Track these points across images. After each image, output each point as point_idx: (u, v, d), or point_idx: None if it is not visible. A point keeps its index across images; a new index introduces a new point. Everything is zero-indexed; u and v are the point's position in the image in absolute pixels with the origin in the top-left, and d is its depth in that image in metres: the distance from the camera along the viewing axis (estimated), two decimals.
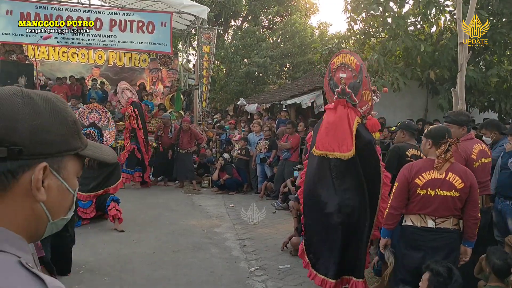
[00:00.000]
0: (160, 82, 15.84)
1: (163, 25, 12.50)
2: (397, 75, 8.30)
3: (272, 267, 4.88)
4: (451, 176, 3.08)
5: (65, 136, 0.80)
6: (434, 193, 3.08)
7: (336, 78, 4.02)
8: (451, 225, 3.12)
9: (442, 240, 3.11)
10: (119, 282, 4.32)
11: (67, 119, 0.81)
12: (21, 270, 0.69)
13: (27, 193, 0.75)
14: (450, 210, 3.09)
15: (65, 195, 0.82)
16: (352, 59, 3.93)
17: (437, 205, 3.08)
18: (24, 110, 0.75)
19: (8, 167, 0.73)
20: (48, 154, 0.77)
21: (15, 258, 0.70)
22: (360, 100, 3.84)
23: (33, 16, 11.70)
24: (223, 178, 9.37)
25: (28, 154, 0.74)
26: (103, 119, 7.02)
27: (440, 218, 3.10)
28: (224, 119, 13.96)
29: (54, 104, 0.80)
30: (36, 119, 0.75)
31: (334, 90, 3.98)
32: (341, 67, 4.00)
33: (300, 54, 19.16)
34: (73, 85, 13.61)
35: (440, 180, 3.08)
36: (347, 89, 3.88)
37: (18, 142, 0.73)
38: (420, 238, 3.15)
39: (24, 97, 0.76)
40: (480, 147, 3.76)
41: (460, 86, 5.09)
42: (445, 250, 3.10)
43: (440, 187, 3.07)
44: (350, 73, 3.94)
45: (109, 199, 6.25)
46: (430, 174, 3.11)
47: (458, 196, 3.06)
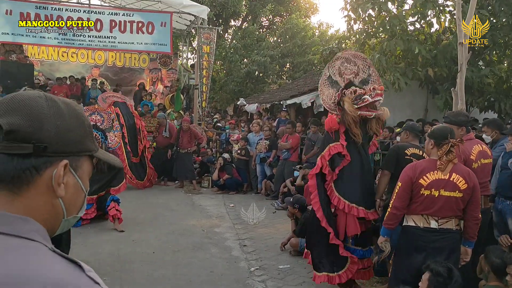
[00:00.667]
0: (160, 82, 15.84)
1: (162, 25, 12.50)
2: (398, 75, 8.28)
3: (272, 267, 4.88)
4: (455, 177, 3.08)
5: (83, 137, 0.87)
6: (438, 194, 3.07)
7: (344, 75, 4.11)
8: (453, 225, 3.12)
9: (445, 240, 3.11)
10: (119, 282, 4.32)
11: (84, 122, 0.88)
12: (56, 256, 0.74)
13: (48, 188, 0.80)
14: (453, 211, 3.09)
15: (79, 194, 0.88)
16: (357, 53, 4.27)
17: (441, 206, 3.07)
18: (49, 111, 0.81)
19: (33, 163, 0.78)
20: (69, 153, 0.83)
21: (46, 247, 0.75)
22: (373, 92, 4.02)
23: (33, 16, 11.65)
24: (223, 178, 9.37)
25: (52, 152, 0.80)
26: (106, 121, 6.84)
27: (443, 218, 3.10)
28: (224, 119, 13.95)
29: (73, 108, 0.87)
30: (59, 119, 0.81)
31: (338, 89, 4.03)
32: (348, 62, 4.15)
33: (300, 54, 19.16)
34: (72, 85, 13.61)
35: (445, 180, 3.08)
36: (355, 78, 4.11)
37: (43, 140, 0.78)
38: (423, 238, 3.14)
39: (47, 100, 0.82)
40: (480, 148, 3.75)
41: (460, 86, 5.09)
42: (446, 250, 3.10)
43: (444, 187, 3.07)
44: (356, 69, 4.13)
45: (109, 199, 6.25)
46: (434, 175, 3.10)
47: (461, 197, 3.06)
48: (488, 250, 3.09)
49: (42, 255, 0.73)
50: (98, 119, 6.76)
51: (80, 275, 0.73)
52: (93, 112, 6.81)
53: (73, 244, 5.42)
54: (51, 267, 0.71)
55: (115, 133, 6.85)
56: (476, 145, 3.75)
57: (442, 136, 3.15)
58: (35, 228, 0.77)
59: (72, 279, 0.71)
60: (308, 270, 4.80)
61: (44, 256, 0.73)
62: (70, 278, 0.71)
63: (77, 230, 6.11)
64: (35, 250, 0.73)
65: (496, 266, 2.92)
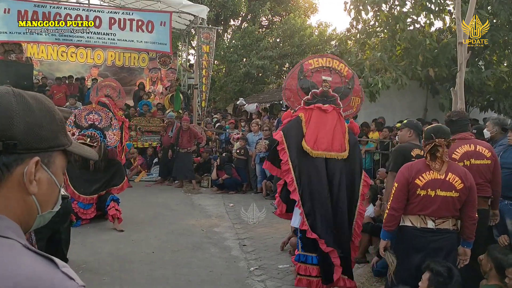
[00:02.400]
0: (160, 82, 15.82)
1: (162, 25, 12.49)
2: (399, 73, 8.29)
3: (272, 267, 4.88)
4: (451, 177, 3.07)
5: (55, 132, 0.85)
6: (434, 194, 3.06)
7: (315, 79, 4.21)
8: (450, 225, 3.12)
9: (443, 241, 3.10)
10: (119, 282, 4.32)
11: (55, 117, 0.86)
12: (29, 252, 0.74)
13: (19, 186, 0.80)
14: (450, 211, 3.09)
15: (54, 189, 0.87)
16: (343, 66, 4.31)
17: (438, 206, 3.06)
18: (18, 107, 0.79)
19: (3, 161, 0.77)
20: (40, 149, 0.82)
21: (19, 244, 0.75)
22: (346, 105, 4.20)
23: (31, 14, 11.60)
24: (222, 178, 9.37)
25: (22, 149, 0.79)
26: (104, 120, 6.77)
27: (440, 218, 3.09)
28: (224, 118, 13.95)
29: (43, 103, 0.85)
30: (29, 116, 0.80)
31: (309, 90, 4.15)
32: (326, 70, 4.25)
33: (299, 54, 19.13)
34: (71, 85, 13.59)
35: (440, 180, 3.07)
36: (331, 92, 4.15)
37: (13, 137, 0.77)
38: (420, 239, 3.14)
39: (16, 96, 0.81)
40: (468, 148, 3.61)
41: (460, 86, 5.09)
42: (444, 251, 3.10)
43: (440, 187, 3.06)
44: (338, 78, 4.26)
45: (109, 198, 6.25)
46: (430, 175, 3.09)
47: (457, 197, 3.06)
48: (490, 248, 3.08)
49: (15, 252, 0.72)
50: (96, 118, 6.68)
51: (55, 271, 0.72)
52: (91, 111, 6.74)
53: (72, 244, 5.42)
54: (24, 263, 0.70)
55: (114, 131, 6.79)
56: (465, 145, 3.62)
57: (426, 136, 3.20)
58: (8, 225, 0.76)
59: (45, 275, 0.70)
60: None
61: (17, 253, 0.72)
62: (44, 274, 0.70)
63: (76, 230, 6.11)
64: (9, 247, 0.73)
65: (500, 262, 2.91)
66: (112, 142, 6.68)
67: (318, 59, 4.36)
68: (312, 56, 4.56)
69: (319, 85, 4.17)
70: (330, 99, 4.14)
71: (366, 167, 8.05)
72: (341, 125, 4.07)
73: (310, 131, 4.00)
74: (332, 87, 4.18)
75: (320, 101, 4.11)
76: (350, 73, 4.33)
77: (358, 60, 9.09)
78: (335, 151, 3.97)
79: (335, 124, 4.03)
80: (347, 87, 4.26)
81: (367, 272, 4.68)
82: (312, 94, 4.13)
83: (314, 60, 4.33)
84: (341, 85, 4.25)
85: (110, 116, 6.84)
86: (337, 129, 4.04)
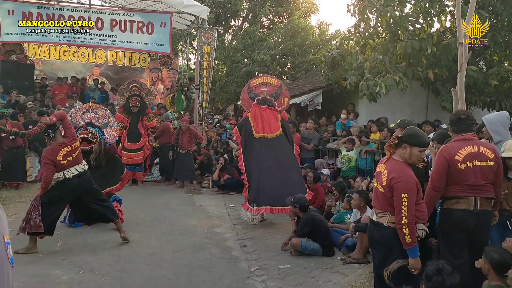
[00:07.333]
0: (160, 82, 15.86)
1: (162, 26, 12.56)
2: (400, 75, 8.27)
3: (272, 267, 4.88)
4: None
5: None
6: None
7: (257, 91, 7.22)
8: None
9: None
10: (120, 282, 4.33)
11: None
12: None
13: None
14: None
15: None
16: (273, 80, 7.51)
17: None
18: None
19: None
20: None
21: None
22: (279, 104, 7.23)
23: (35, 16, 11.85)
24: (223, 178, 9.38)
25: None
26: (102, 117, 6.83)
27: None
28: (226, 118, 13.96)
29: None
30: None
31: (255, 98, 7.14)
32: (262, 84, 7.32)
33: (301, 54, 19.08)
34: (73, 85, 13.63)
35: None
36: (267, 97, 7.13)
37: None
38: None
39: None
40: (472, 149, 3.56)
41: (460, 86, 5.09)
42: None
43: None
44: (271, 88, 7.30)
45: (111, 199, 6.26)
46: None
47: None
48: (486, 249, 3.07)
49: None
50: (93, 116, 6.75)
51: None
52: (87, 110, 6.82)
53: (73, 245, 5.45)
54: None
55: (112, 128, 6.88)
56: (468, 146, 3.58)
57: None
58: None
59: None
60: (309, 270, 4.82)
61: None
62: None
63: (77, 230, 6.14)
64: None
65: (496, 261, 2.90)
66: (110, 139, 6.76)
67: (259, 78, 7.61)
68: (255, 77, 8.07)
69: (260, 94, 7.16)
70: (268, 101, 7.10)
71: (367, 167, 8.05)
72: (274, 116, 7.02)
73: (255, 123, 6.92)
74: (268, 93, 7.16)
75: (262, 103, 7.08)
76: (279, 83, 7.47)
77: (358, 64, 9.09)
78: (272, 132, 6.89)
79: (270, 116, 6.98)
80: (278, 92, 7.30)
81: (367, 272, 4.68)
82: (256, 100, 7.12)
83: (256, 79, 7.56)
84: (273, 92, 7.25)
85: (107, 114, 6.98)
86: (271, 119, 6.97)
